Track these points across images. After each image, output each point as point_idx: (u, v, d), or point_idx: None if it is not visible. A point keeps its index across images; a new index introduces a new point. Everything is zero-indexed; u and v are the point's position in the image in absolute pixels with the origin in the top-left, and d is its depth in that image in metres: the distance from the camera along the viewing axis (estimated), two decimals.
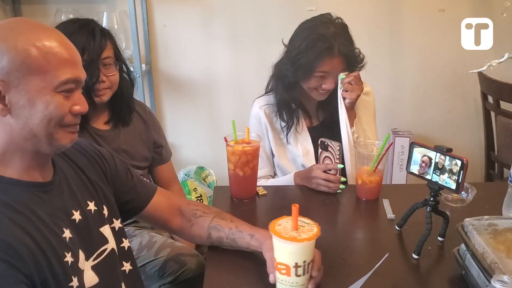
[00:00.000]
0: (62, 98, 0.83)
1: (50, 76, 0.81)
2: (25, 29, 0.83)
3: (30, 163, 0.86)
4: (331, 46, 1.49)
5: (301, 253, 0.92)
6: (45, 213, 0.85)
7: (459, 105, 2.60)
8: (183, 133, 2.60)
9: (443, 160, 1.08)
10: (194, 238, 1.18)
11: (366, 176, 1.38)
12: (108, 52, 1.39)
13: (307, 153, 1.63)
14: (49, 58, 0.81)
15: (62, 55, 0.83)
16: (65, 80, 0.82)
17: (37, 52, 0.80)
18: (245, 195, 1.43)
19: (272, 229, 0.94)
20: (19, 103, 0.80)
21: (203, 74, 2.51)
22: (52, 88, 0.82)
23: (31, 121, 0.81)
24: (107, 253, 0.97)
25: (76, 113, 0.86)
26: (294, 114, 1.63)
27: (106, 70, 1.39)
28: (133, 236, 1.44)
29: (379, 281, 1.04)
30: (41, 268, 0.79)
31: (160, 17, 2.42)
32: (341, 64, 1.52)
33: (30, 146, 0.84)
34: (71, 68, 0.84)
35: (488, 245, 0.93)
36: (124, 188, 1.10)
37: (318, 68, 1.50)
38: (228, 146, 1.39)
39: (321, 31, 1.51)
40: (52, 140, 0.84)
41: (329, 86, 1.54)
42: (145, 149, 1.57)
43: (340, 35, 1.51)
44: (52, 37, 0.83)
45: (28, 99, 0.80)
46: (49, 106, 0.82)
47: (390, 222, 1.28)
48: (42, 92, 0.81)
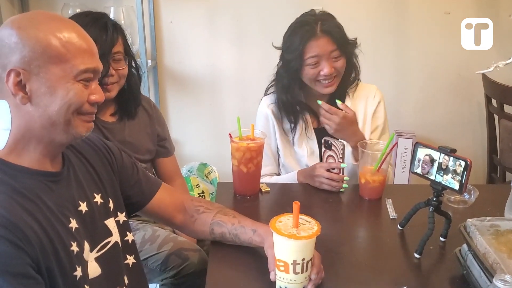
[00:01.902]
0: (81, 86, 0.85)
1: (70, 65, 0.83)
2: (44, 20, 0.84)
3: (43, 152, 0.87)
4: (313, 28, 1.49)
5: (299, 250, 0.93)
6: (53, 202, 0.86)
7: (463, 108, 2.61)
8: (187, 129, 2.61)
9: (447, 160, 1.09)
10: (197, 234, 1.19)
11: (369, 175, 1.39)
12: (118, 47, 1.41)
13: (312, 153, 1.63)
14: (68, 48, 0.83)
15: (81, 45, 0.85)
16: (84, 69, 0.84)
17: (57, 42, 0.82)
18: (248, 192, 1.43)
19: (272, 225, 0.95)
20: (40, 91, 0.82)
21: (208, 70, 2.52)
22: (72, 77, 0.84)
23: (50, 108, 0.83)
24: (111, 246, 0.98)
25: (93, 102, 0.88)
26: (300, 116, 1.62)
27: (116, 64, 1.41)
28: (136, 230, 1.45)
29: (380, 279, 1.05)
30: (47, 254, 0.80)
31: (167, 13, 2.43)
32: (329, 44, 1.49)
33: (47, 135, 0.85)
34: (90, 58, 0.86)
35: (490, 245, 0.94)
36: (130, 182, 1.11)
37: (307, 54, 1.49)
38: (233, 142, 1.39)
39: (302, 19, 1.53)
40: (70, 128, 0.86)
41: (327, 71, 1.49)
42: (149, 142, 1.58)
43: (322, 19, 1.51)
44: (70, 28, 0.85)
45: (48, 86, 0.82)
46: (69, 93, 0.83)
47: (392, 221, 1.28)
48: (64, 80, 0.83)
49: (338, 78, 1.55)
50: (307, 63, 1.51)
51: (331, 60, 1.51)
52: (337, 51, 1.51)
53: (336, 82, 1.55)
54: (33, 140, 0.86)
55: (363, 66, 1.65)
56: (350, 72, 1.61)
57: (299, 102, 1.61)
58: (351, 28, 1.58)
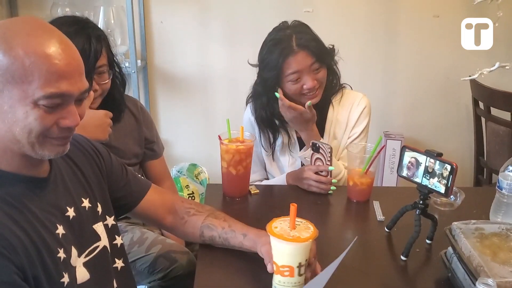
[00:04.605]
0: (43, 111, 0.78)
1: (32, 87, 0.76)
2: (24, 32, 0.77)
3: (22, 161, 0.84)
4: (289, 45, 1.47)
5: (304, 252, 0.93)
6: (39, 209, 0.85)
7: (451, 111, 2.64)
8: (177, 130, 2.61)
9: (433, 164, 1.10)
10: (187, 236, 1.19)
11: (357, 177, 1.40)
12: (102, 60, 1.36)
13: (293, 163, 1.63)
14: (34, 69, 0.76)
15: (53, 66, 0.77)
16: (48, 95, 0.76)
17: (25, 60, 0.75)
18: (237, 194, 1.44)
19: (272, 233, 0.92)
20: (3, 108, 0.77)
21: (199, 71, 2.51)
22: (32, 101, 0.76)
23: (13, 127, 0.78)
24: (99, 250, 0.97)
25: (63, 127, 0.81)
26: (280, 130, 1.62)
27: (99, 78, 1.36)
28: (124, 232, 1.44)
29: (367, 281, 1.06)
30: (33, 262, 0.80)
31: (157, 13, 2.42)
32: (308, 57, 1.47)
33: (17, 149, 0.82)
34: (62, 82, 0.77)
35: (475, 248, 0.95)
36: (119, 184, 1.10)
37: (286, 71, 1.48)
38: (222, 145, 1.40)
39: (275, 36, 1.51)
40: (35, 149, 0.81)
41: (310, 84, 1.48)
42: (136, 146, 1.57)
43: (296, 32, 1.50)
44: (49, 45, 0.77)
45: (10, 106, 0.77)
46: (28, 117, 0.77)
47: (379, 223, 1.30)
48: (22, 103, 0.76)
49: (321, 88, 1.54)
50: (288, 79, 1.49)
51: (312, 73, 1.49)
52: (316, 63, 1.49)
53: (320, 92, 1.54)
54: (7, 151, 0.82)
55: (352, 69, 1.66)
56: (331, 79, 1.61)
57: (279, 116, 1.58)
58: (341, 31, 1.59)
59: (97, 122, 1.33)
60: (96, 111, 1.37)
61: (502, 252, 0.96)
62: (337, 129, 1.62)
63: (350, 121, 1.62)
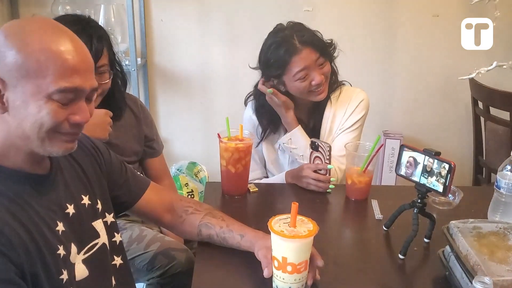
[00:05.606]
0: (56, 106, 0.80)
1: (46, 82, 0.78)
2: (37, 29, 0.80)
3: (25, 158, 0.85)
4: (292, 44, 1.49)
5: (306, 248, 0.94)
6: (40, 205, 0.85)
7: (450, 110, 2.64)
8: (176, 128, 2.61)
9: (431, 163, 1.10)
10: (184, 234, 1.20)
11: (356, 176, 1.40)
12: (103, 59, 1.36)
13: (293, 162, 1.64)
14: (49, 64, 0.78)
15: (66, 62, 0.79)
16: (62, 89, 0.79)
17: (39, 56, 0.78)
18: (236, 192, 1.44)
19: (276, 232, 0.93)
20: (15, 103, 0.79)
21: (198, 69, 2.52)
22: (46, 95, 0.79)
23: (24, 122, 0.80)
24: (98, 247, 0.98)
25: (74, 122, 0.83)
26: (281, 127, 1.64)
27: (99, 78, 1.36)
28: (123, 229, 1.45)
29: (365, 279, 1.06)
30: (32, 259, 0.80)
31: (157, 11, 2.42)
32: (312, 53, 1.49)
33: (24, 146, 0.83)
34: (75, 77, 0.80)
35: (472, 247, 0.96)
36: (118, 182, 1.10)
37: (294, 70, 1.50)
38: (221, 143, 1.40)
39: (276, 39, 1.53)
40: (45, 145, 0.83)
41: (318, 79, 1.50)
42: (136, 144, 1.57)
43: (295, 31, 1.52)
44: (63, 42, 0.80)
45: (23, 101, 0.79)
46: (41, 111, 0.79)
47: (378, 222, 1.30)
48: (36, 97, 0.78)
49: (327, 83, 1.57)
50: (296, 78, 1.51)
51: (318, 68, 1.52)
52: (321, 58, 1.52)
53: (326, 87, 1.57)
54: (13, 147, 0.83)
55: (351, 68, 1.67)
56: (330, 76, 1.61)
57: None
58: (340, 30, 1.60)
59: (97, 120, 1.34)
60: (97, 110, 1.37)
61: (499, 251, 0.96)
62: (334, 124, 1.64)
63: (346, 113, 1.64)
